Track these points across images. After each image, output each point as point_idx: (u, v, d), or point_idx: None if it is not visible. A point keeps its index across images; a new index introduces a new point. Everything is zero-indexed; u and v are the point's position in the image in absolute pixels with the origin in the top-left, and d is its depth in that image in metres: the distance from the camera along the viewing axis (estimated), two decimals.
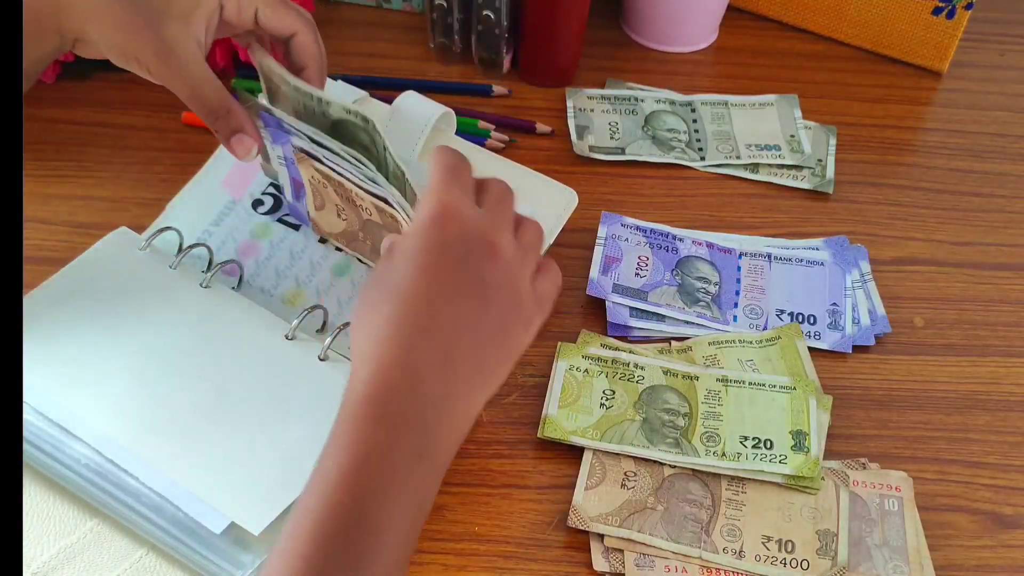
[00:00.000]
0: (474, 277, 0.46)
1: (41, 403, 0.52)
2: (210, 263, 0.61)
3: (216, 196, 0.65)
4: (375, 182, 0.53)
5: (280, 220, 0.64)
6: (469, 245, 0.46)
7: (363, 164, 0.52)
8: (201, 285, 0.59)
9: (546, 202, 0.62)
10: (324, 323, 0.59)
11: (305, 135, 0.55)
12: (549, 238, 0.62)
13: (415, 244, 0.45)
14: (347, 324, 0.57)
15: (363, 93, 0.67)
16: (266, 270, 0.62)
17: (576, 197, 0.63)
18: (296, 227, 0.64)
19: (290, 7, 0.57)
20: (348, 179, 0.54)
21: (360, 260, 0.62)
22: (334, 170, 0.55)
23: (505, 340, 0.47)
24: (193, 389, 0.54)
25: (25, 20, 0.50)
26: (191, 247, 0.61)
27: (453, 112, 0.66)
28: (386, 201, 0.53)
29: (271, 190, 0.65)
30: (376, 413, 0.42)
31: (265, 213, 0.65)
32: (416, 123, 0.64)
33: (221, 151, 0.66)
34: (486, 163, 0.64)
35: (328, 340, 0.56)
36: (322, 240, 0.63)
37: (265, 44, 0.59)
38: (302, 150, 0.56)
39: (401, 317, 0.44)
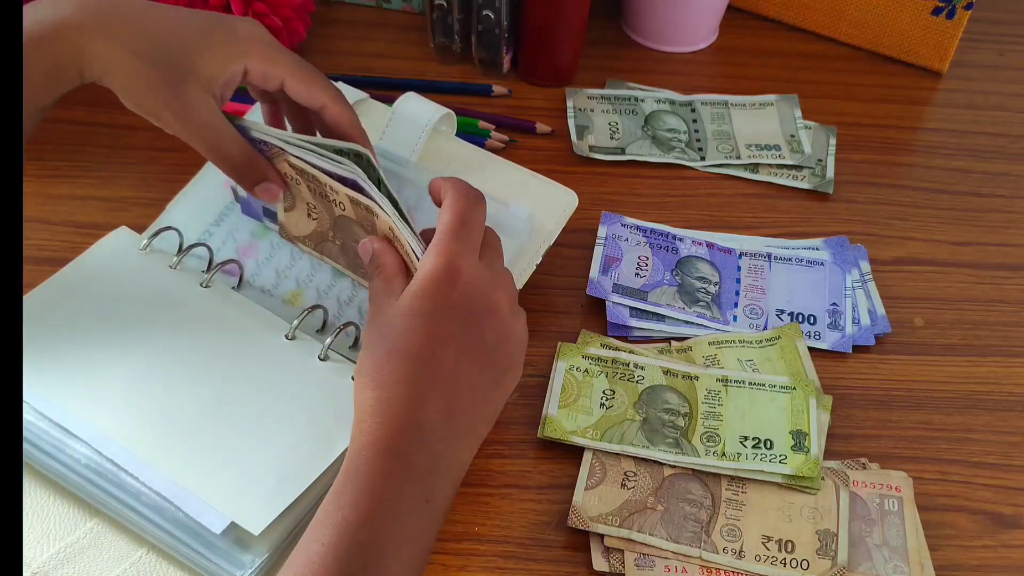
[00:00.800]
0: (477, 337, 0.48)
1: (41, 403, 0.52)
2: (210, 263, 0.61)
3: (216, 196, 0.65)
4: (358, 183, 0.52)
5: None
6: (473, 305, 0.48)
7: (342, 163, 0.52)
8: (201, 285, 0.59)
9: (546, 203, 0.62)
10: (324, 323, 0.59)
11: (287, 141, 0.55)
12: (549, 239, 0.62)
13: (424, 306, 0.47)
14: (348, 324, 0.58)
15: (363, 95, 0.67)
16: (266, 270, 0.62)
17: (576, 199, 0.63)
18: None
19: (318, 79, 0.57)
20: (322, 169, 0.54)
21: (330, 264, 0.62)
22: (309, 163, 0.54)
23: (498, 393, 0.50)
24: (193, 389, 0.54)
25: (47, 64, 0.51)
26: (191, 247, 0.61)
27: (454, 113, 0.66)
28: (361, 191, 0.53)
29: None
30: (388, 463, 0.44)
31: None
32: (416, 125, 0.64)
33: None
34: (486, 164, 0.64)
35: (328, 340, 0.56)
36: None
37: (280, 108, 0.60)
38: (278, 147, 0.56)
39: (410, 376, 0.46)
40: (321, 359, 0.56)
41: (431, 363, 0.47)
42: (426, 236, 0.52)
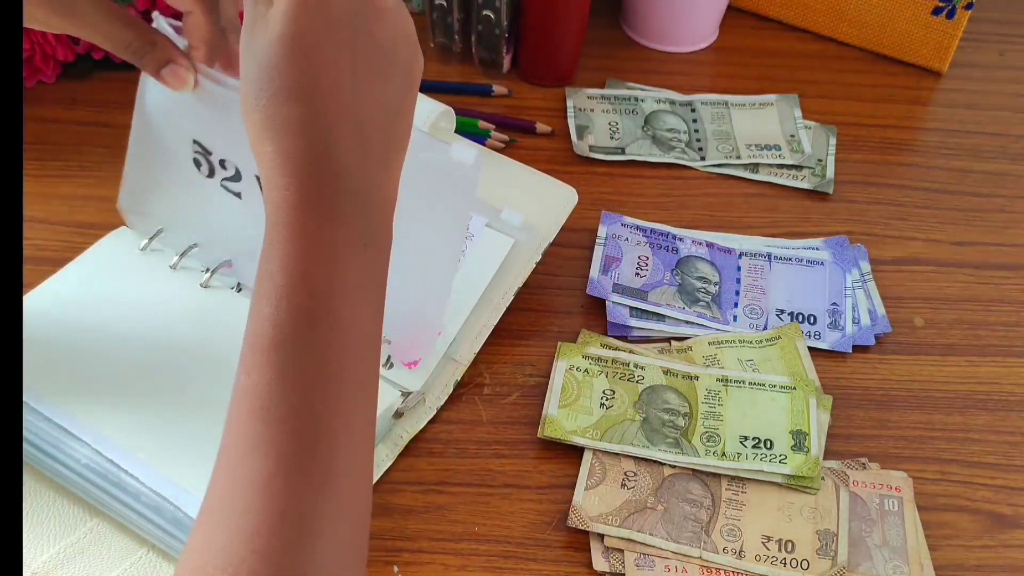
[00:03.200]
0: (370, 45, 0.42)
1: (40, 404, 0.52)
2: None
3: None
4: None
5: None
6: (353, 8, 0.41)
7: None
8: (201, 285, 0.59)
9: (546, 201, 0.62)
10: None
11: None
12: (549, 237, 0.62)
13: (299, 27, 0.40)
14: None
15: None
16: None
17: (576, 196, 0.63)
18: None
19: None
20: None
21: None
22: None
23: (409, 96, 0.44)
24: (193, 390, 0.54)
25: None
26: (192, 247, 0.61)
27: (452, 110, 0.66)
28: None
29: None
30: (311, 212, 0.39)
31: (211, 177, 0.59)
32: (415, 121, 0.64)
33: None
34: (485, 161, 0.64)
35: None
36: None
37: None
38: None
39: (309, 119, 0.40)
40: None
41: (328, 94, 0.40)
42: None
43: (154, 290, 0.59)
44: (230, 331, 0.57)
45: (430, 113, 0.64)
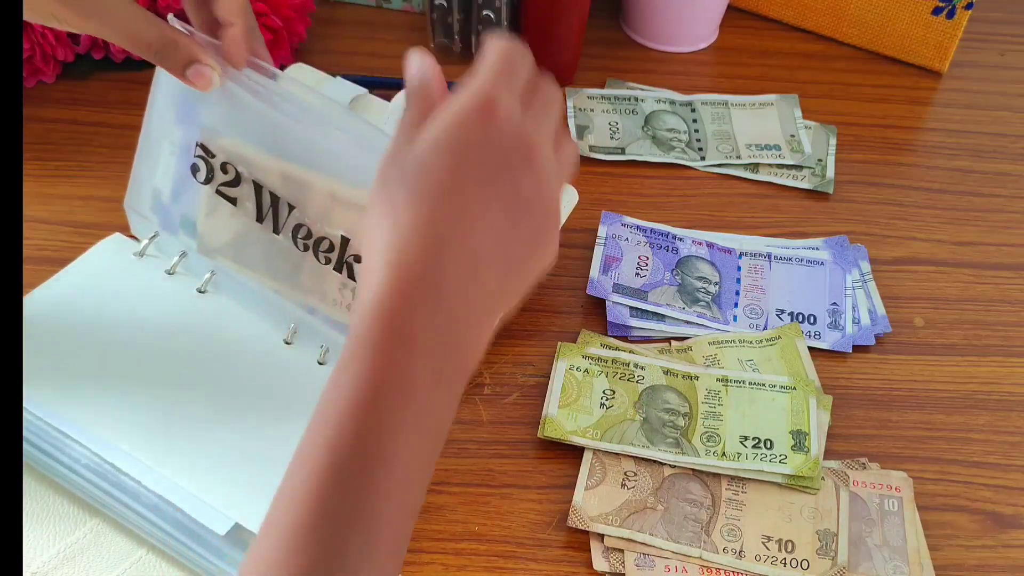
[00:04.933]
0: (510, 183, 0.40)
1: (39, 407, 0.52)
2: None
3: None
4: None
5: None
6: (508, 149, 0.40)
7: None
8: (198, 290, 0.59)
9: None
10: None
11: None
12: None
13: (452, 139, 0.39)
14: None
15: (363, 90, 0.67)
16: None
17: (576, 195, 0.63)
18: None
19: None
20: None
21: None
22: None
23: (531, 262, 0.42)
24: (192, 394, 0.54)
25: None
26: (183, 254, 0.61)
27: None
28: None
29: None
30: (393, 331, 0.37)
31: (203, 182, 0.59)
32: None
33: None
34: None
35: (326, 345, 0.56)
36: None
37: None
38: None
39: (430, 222, 0.38)
40: (320, 363, 0.56)
41: (456, 208, 0.39)
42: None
43: (151, 295, 0.59)
44: (227, 336, 0.58)
45: None
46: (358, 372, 0.37)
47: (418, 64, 0.43)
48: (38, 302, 0.58)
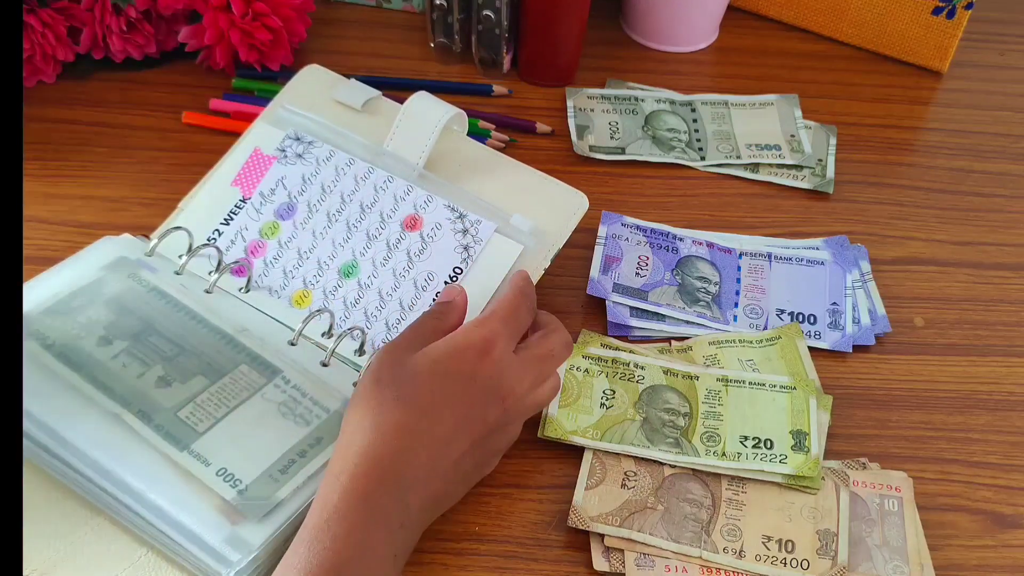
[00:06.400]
0: (481, 416, 0.50)
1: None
2: (219, 264, 0.61)
3: (226, 195, 0.64)
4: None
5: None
6: (488, 389, 0.50)
7: None
8: (205, 291, 0.59)
9: (555, 205, 0.62)
10: (330, 327, 0.59)
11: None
12: (559, 242, 0.61)
13: (448, 367, 0.49)
14: (354, 328, 0.57)
15: (376, 92, 0.67)
16: (274, 271, 0.61)
17: (586, 201, 0.62)
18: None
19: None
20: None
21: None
22: None
23: (475, 475, 0.52)
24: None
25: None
26: (200, 247, 0.61)
27: (464, 113, 0.65)
28: None
29: (282, 184, 0.64)
30: (367, 511, 0.45)
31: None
32: (426, 124, 0.63)
33: (234, 151, 0.66)
34: (497, 165, 0.64)
35: (331, 346, 0.56)
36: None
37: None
38: None
39: (408, 430, 0.47)
40: (324, 364, 0.56)
41: (431, 422, 0.48)
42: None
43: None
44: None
45: (442, 116, 0.63)
46: (333, 543, 0.43)
47: (457, 291, 0.56)
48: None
